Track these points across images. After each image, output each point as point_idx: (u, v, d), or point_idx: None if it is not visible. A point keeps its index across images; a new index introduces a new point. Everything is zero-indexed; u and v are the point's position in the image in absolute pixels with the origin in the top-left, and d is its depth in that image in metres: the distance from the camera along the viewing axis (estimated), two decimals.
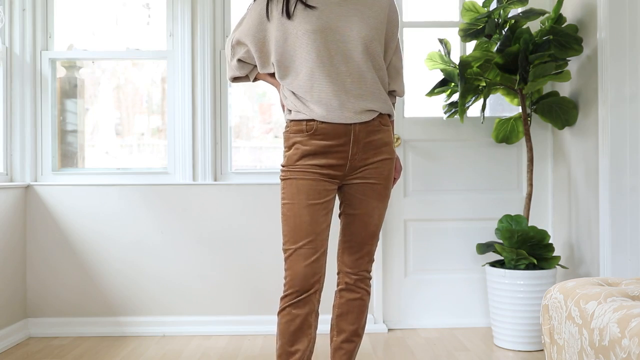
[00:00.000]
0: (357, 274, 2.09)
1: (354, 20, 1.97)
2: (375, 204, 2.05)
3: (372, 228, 2.07)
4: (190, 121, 3.39)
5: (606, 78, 2.79)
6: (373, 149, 2.02)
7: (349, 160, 1.99)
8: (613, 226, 2.78)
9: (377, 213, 2.06)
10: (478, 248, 3.19)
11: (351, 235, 2.07)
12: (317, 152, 1.97)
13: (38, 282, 3.32)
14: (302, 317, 1.95)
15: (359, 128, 1.98)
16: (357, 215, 2.05)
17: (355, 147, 1.98)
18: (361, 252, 2.08)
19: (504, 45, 3.00)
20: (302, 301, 1.95)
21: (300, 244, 1.94)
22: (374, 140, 2.02)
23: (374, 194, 2.04)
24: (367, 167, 2.02)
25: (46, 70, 3.41)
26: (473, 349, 3.02)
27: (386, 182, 2.06)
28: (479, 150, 3.45)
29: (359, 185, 2.03)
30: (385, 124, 2.06)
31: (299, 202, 1.95)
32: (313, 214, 1.95)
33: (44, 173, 3.41)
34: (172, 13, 3.42)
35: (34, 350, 3.04)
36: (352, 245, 2.08)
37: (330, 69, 1.94)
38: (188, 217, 3.34)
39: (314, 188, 1.96)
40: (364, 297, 2.12)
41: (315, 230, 1.95)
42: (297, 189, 1.96)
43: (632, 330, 1.34)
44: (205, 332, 3.31)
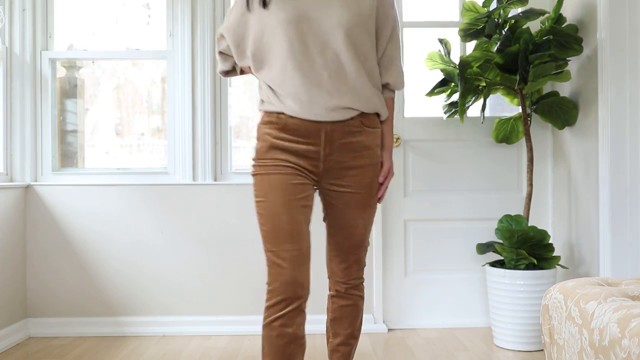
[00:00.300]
0: (347, 282, 1.98)
1: (334, 6, 1.78)
2: (358, 214, 1.89)
3: (358, 238, 1.93)
4: (190, 121, 3.39)
5: (606, 78, 2.79)
6: (351, 152, 1.84)
7: (321, 162, 1.83)
8: (613, 226, 2.78)
9: (361, 223, 1.91)
10: (478, 248, 3.19)
11: (336, 245, 1.95)
12: (286, 149, 1.81)
13: (38, 282, 3.32)
14: (295, 327, 1.77)
15: (331, 127, 1.80)
16: (340, 227, 1.91)
17: (327, 149, 1.82)
18: (348, 261, 1.95)
19: (504, 45, 3.00)
20: (293, 312, 1.75)
21: (284, 247, 1.76)
22: (352, 142, 1.83)
23: (356, 204, 1.88)
24: (345, 174, 1.86)
25: (46, 70, 3.41)
26: (473, 349, 3.02)
27: (368, 190, 1.89)
28: (479, 150, 3.45)
29: (339, 194, 1.88)
30: (369, 125, 1.87)
31: (274, 199, 1.78)
32: (291, 212, 1.77)
33: (44, 173, 3.41)
34: (172, 13, 3.42)
35: (34, 350, 3.04)
36: (338, 254, 1.96)
37: (303, 62, 1.77)
38: (188, 217, 3.34)
39: (289, 183, 1.80)
40: (358, 302, 2.02)
41: (297, 230, 1.78)
42: (269, 185, 1.80)
43: (632, 330, 1.34)
44: (205, 332, 3.31)
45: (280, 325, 1.75)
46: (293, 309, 1.75)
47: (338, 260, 1.96)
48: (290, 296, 1.75)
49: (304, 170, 1.82)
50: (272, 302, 1.76)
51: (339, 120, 1.80)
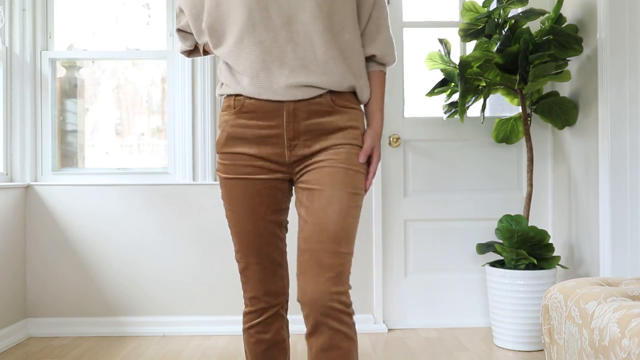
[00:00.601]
0: (322, 304, 1.46)
1: None
2: (330, 192, 1.52)
3: (332, 227, 1.50)
4: (190, 121, 3.39)
5: (606, 78, 2.79)
6: (321, 135, 1.57)
7: (286, 148, 1.57)
8: (613, 226, 2.78)
9: (335, 208, 1.51)
10: (478, 248, 3.19)
11: (304, 243, 1.53)
12: (245, 138, 1.58)
13: (38, 282, 3.32)
14: (273, 332, 1.67)
15: (294, 106, 1.54)
16: (309, 212, 1.54)
17: (291, 131, 1.55)
18: (321, 265, 1.48)
19: (504, 45, 3.00)
20: (269, 319, 1.66)
21: (251, 259, 1.63)
22: (320, 123, 1.57)
23: (327, 179, 1.53)
24: (315, 157, 1.58)
25: (46, 70, 3.41)
26: (473, 349, 3.02)
27: (345, 166, 1.56)
28: (479, 150, 3.45)
29: (308, 173, 1.57)
30: (342, 104, 1.59)
31: (239, 211, 1.60)
32: (258, 224, 1.60)
33: (44, 173, 3.41)
34: (172, 13, 3.42)
35: (34, 350, 3.04)
36: (308, 258, 1.51)
37: (263, 33, 1.53)
38: (188, 217, 3.34)
39: (254, 189, 1.59)
40: (342, 342, 1.48)
41: (265, 241, 1.62)
42: (232, 193, 1.61)
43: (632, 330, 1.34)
44: (205, 332, 3.31)
45: (256, 332, 1.67)
46: (269, 317, 1.66)
47: (307, 268, 1.50)
48: (263, 307, 1.66)
49: (268, 162, 1.58)
50: (247, 310, 1.68)
51: (302, 99, 1.55)
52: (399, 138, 3.40)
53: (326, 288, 1.47)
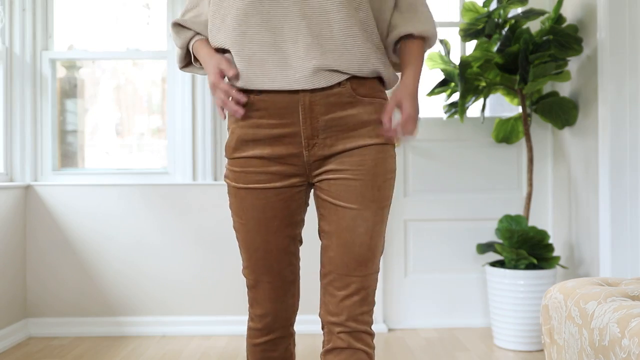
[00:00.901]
0: (345, 324, 1.40)
1: None
2: (357, 211, 1.39)
3: (359, 249, 1.40)
4: (190, 121, 3.39)
5: (606, 78, 2.79)
6: (343, 131, 1.39)
7: (304, 148, 1.40)
8: (613, 226, 2.78)
9: (362, 226, 1.39)
10: (478, 248, 3.19)
11: (330, 264, 1.42)
12: (258, 138, 1.40)
13: (38, 282, 3.32)
14: (281, 351, 1.55)
15: (310, 99, 1.36)
16: (334, 233, 1.41)
17: (309, 129, 1.38)
18: (347, 288, 1.40)
19: (504, 45, 3.00)
20: (276, 340, 1.54)
21: (260, 278, 1.49)
22: (341, 117, 1.38)
23: (353, 196, 1.38)
24: (337, 158, 1.40)
25: (46, 70, 3.41)
26: (473, 349, 3.02)
27: (372, 177, 1.40)
28: (479, 150, 3.45)
29: (330, 183, 1.41)
30: (366, 93, 1.40)
31: (247, 221, 1.45)
32: (269, 239, 1.45)
33: (44, 173, 3.41)
34: (172, 13, 3.42)
35: (34, 350, 3.04)
36: (333, 279, 1.42)
37: (272, 10, 1.34)
38: (188, 217, 3.34)
39: (267, 198, 1.43)
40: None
41: (277, 258, 1.47)
42: (243, 203, 1.45)
43: (632, 330, 1.34)
44: (205, 332, 3.31)
45: (264, 350, 1.54)
46: (276, 337, 1.53)
47: (333, 289, 1.42)
48: (271, 326, 1.52)
49: (284, 166, 1.41)
50: (254, 326, 1.54)
51: (320, 88, 1.36)
52: (399, 138, 3.39)
53: (352, 311, 1.40)
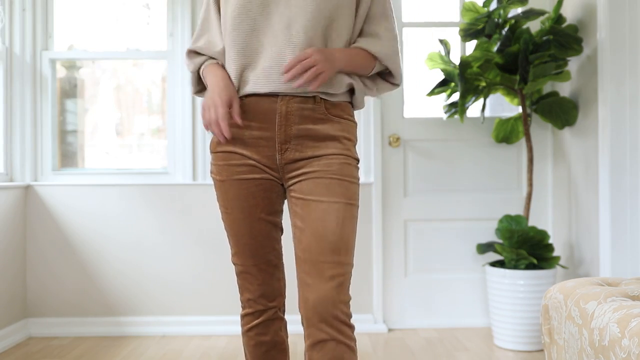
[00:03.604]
0: (323, 318, 1.45)
1: None
2: (326, 202, 1.52)
3: (331, 237, 1.49)
4: (190, 121, 3.39)
5: (606, 78, 2.79)
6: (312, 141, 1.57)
7: (277, 152, 1.57)
8: (613, 226, 2.78)
9: (333, 217, 1.51)
10: (478, 248, 3.19)
11: (304, 252, 1.51)
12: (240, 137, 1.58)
13: (38, 282, 3.32)
14: (271, 334, 1.68)
15: (287, 109, 1.55)
16: (307, 224, 1.53)
17: (282, 134, 1.56)
18: (323, 275, 1.47)
19: (504, 45, 3.00)
20: (267, 322, 1.67)
21: (247, 262, 1.64)
22: (312, 129, 1.56)
23: (323, 191, 1.53)
24: (306, 163, 1.56)
25: (46, 70, 3.41)
26: (473, 349, 3.02)
27: (338, 176, 1.54)
28: (479, 150, 3.45)
29: (301, 183, 1.56)
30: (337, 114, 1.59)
31: (234, 213, 1.60)
32: (253, 225, 1.60)
33: (44, 173, 3.41)
34: (172, 13, 3.42)
35: (34, 350, 3.04)
36: (308, 268, 1.50)
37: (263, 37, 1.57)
38: (188, 217, 3.34)
39: (248, 189, 1.59)
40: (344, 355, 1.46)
41: (261, 243, 1.62)
42: (227, 195, 1.61)
43: (632, 330, 1.34)
44: (205, 332, 3.31)
45: (256, 334, 1.67)
46: (266, 319, 1.67)
47: (308, 279, 1.49)
48: (261, 309, 1.66)
49: (261, 163, 1.58)
50: (245, 313, 1.68)
51: (297, 95, 1.54)
52: (399, 138, 3.40)
53: (330, 296, 1.46)
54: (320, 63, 1.49)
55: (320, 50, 1.51)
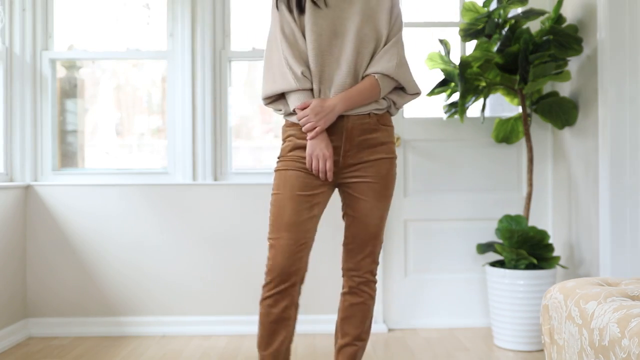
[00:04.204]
0: (360, 276, 2.09)
1: (356, 19, 2.01)
2: (374, 203, 2.05)
3: (372, 229, 2.07)
4: (190, 121, 3.39)
5: (606, 78, 2.79)
6: (369, 148, 2.04)
7: (341, 157, 2.02)
8: (613, 226, 2.78)
9: (377, 214, 2.06)
10: (478, 248, 3.19)
11: (352, 237, 2.09)
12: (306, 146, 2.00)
13: (38, 282, 3.32)
14: (280, 309, 1.99)
15: (351, 125, 2.01)
16: (357, 217, 2.06)
17: (347, 145, 2.02)
18: (363, 253, 2.08)
19: (504, 45, 3.00)
20: (280, 293, 1.99)
21: (281, 234, 1.97)
22: (369, 139, 2.03)
23: (372, 194, 2.04)
24: (363, 166, 2.03)
25: (46, 70, 3.41)
26: (473, 349, 3.02)
27: (384, 180, 2.05)
28: (479, 150, 3.45)
29: (356, 184, 2.04)
30: (384, 122, 2.07)
31: (284, 193, 1.98)
32: (296, 205, 1.97)
33: (44, 173, 3.41)
34: (172, 13, 3.42)
35: (34, 350, 3.04)
36: (353, 247, 2.09)
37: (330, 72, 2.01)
38: (188, 217, 3.34)
39: (302, 179, 1.99)
40: (367, 301, 2.12)
41: (297, 221, 1.97)
42: (284, 180, 2.00)
43: (632, 330, 1.34)
44: (205, 332, 3.31)
45: (267, 305, 2.00)
46: (280, 291, 1.98)
47: (353, 253, 2.08)
48: (279, 279, 1.97)
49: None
50: (265, 282, 2.01)
51: (357, 115, 2.00)
52: (399, 138, 3.40)
53: (365, 266, 2.09)
54: (313, 120, 1.95)
55: (316, 108, 1.95)
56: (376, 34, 2.04)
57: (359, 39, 2.00)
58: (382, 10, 2.05)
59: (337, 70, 2.01)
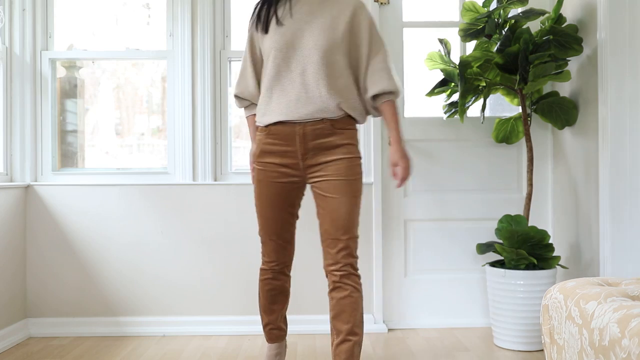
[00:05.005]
0: (340, 269, 2.19)
1: (314, 34, 2.18)
2: (339, 199, 2.19)
3: (342, 222, 2.18)
4: (190, 121, 3.39)
5: (606, 78, 2.79)
6: (324, 150, 2.21)
7: (300, 160, 2.22)
8: (613, 226, 2.78)
9: (343, 208, 2.18)
10: (478, 248, 3.19)
11: (325, 233, 2.22)
12: (273, 152, 2.24)
13: (38, 282, 3.32)
14: (280, 282, 2.40)
15: (303, 131, 2.20)
16: (326, 213, 2.21)
17: (302, 148, 2.21)
18: (337, 247, 2.19)
19: (504, 45, 3.00)
20: (278, 273, 2.39)
21: (270, 237, 2.33)
22: (323, 142, 2.21)
23: (335, 190, 2.19)
24: (322, 167, 2.21)
25: (46, 70, 3.41)
26: (473, 349, 3.02)
27: (345, 178, 2.20)
28: (479, 150, 3.45)
29: (320, 182, 2.22)
30: (340, 127, 2.21)
31: (264, 202, 2.30)
32: (276, 212, 2.29)
33: (44, 173, 3.41)
34: (172, 13, 3.42)
35: (34, 350, 3.04)
36: (328, 242, 2.21)
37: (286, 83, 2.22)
38: (188, 217, 3.34)
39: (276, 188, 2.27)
40: (353, 293, 2.19)
41: (280, 225, 2.31)
42: (261, 190, 2.30)
43: (632, 330, 1.34)
44: (205, 332, 3.31)
45: (269, 280, 2.40)
46: (278, 270, 2.39)
47: (329, 249, 2.21)
48: (274, 266, 2.38)
49: (288, 169, 2.25)
50: (263, 268, 2.41)
51: (309, 122, 2.19)
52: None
53: (343, 259, 2.19)
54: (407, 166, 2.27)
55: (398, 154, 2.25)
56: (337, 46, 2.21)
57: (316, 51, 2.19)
58: (341, 23, 2.22)
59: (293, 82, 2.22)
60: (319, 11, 2.21)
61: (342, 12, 2.20)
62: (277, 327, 2.50)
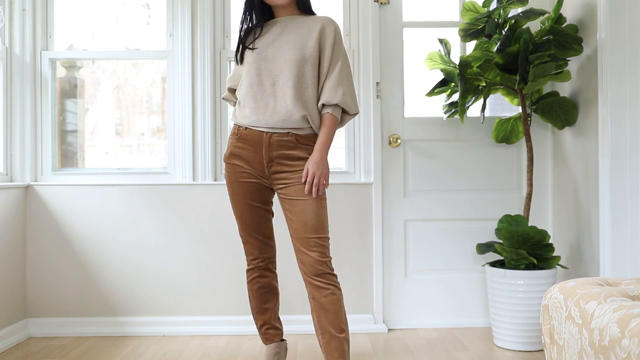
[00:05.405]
0: (316, 273, 2.23)
1: (285, 49, 2.32)
2: (304, 201, 2.27)
3: (311, 222, 2.25)
4: (190, 121, 3.39)
5: (606, 78, 2.79)
6: (287, 160, 2.32)
7: (265, 167, 2.33)
8: (613, 226, 2.78)
9: (309, 209, 2.26)
10: (478, 248, 3.19)
11: (295, 234, 2.28)
12: (241, 156, 2.35)
13: (38, 282, 3.32)
14: (267, 280, 2.48)
15: (269, 140, 2.31)
16: (294, 216, 2.29)
17: (267, 156, 2.31)
18: (308, 246, 2.24)
19: (504, 45, 3.00)
20: (264, 270, 2.47)
21: (250, 234, 2.43)
22: (286, 154, 2.31)
23: (300, 193, 2.27)
24: (285, 175, 2.31)
25: (46, 70, 3.41)
26: (473, 349, 3.02)
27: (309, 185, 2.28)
28: (479, 150, 3.45)
29: (285, 188, 2.31)
30: (304, 142, 2.32)
31: (239, 203, 2.40)
32: (251, 211, 2.39)
33: (44, 173, 3.41)
34: (172, 13, 3.42)
35: (34, 350, 3.04)
36: (299, 243, 2.27)
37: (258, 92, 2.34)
38: (188, 217, 3.34)
39: (247, 189, 2.37)
40: (335, 292, 2.24)
41: (257, 222, 2.41)
42: (234, 191, 2.40)
43: (632, 330, 1.34)
44: (205, 332, 3.31)
45: (256, 279, 2.47)
46: (263, 267, 2.46)
47: (301, 250, 2.26)
48: (258, 264, 2.46)
49: (255, 173, 2.35)
50: (249, 268, 2.48)
51: (275, 132, 2.31)
52: (399, 138, 3.40)
53: (316, 259, 2.24)
54: (318, 175, 2.27)
55: (313, 165, 2.27)
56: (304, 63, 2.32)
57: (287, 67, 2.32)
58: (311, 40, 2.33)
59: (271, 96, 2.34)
60: (291, 30, 2.35)
61: (312, 30, 2.34)
62: (273, 326, 2.53)
